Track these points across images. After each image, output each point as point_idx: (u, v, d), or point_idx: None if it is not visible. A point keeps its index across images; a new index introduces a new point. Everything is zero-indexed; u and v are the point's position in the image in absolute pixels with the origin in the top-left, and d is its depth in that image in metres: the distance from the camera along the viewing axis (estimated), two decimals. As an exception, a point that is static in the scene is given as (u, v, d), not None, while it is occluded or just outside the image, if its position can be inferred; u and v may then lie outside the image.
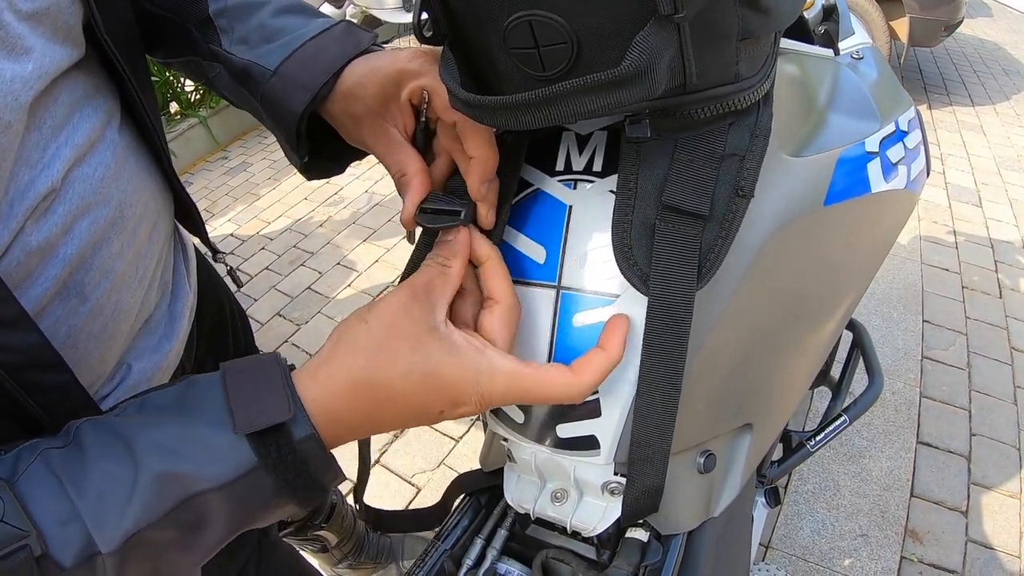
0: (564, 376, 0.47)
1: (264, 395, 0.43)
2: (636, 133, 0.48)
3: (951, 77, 5.13)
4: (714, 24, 0.41)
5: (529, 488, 0.63)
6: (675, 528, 0.62)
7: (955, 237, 3.06)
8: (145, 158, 0.66)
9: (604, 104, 0.41)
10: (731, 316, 0.54)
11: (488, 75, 0.47)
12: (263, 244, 3.38)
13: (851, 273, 0.73)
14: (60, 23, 0.51)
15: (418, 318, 0.47)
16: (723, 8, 0.41)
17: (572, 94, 0.41)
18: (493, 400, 0.47)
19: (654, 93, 0.41)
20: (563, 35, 0.40)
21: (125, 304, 0.61)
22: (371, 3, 3.45)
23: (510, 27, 0.41)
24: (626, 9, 0.39)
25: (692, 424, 0.58)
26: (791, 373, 0.70)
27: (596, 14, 0.39)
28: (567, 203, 0.54)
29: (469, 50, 0.47)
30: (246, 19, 0.65)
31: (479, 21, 0.43)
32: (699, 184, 0.48)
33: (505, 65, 0.44)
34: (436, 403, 0.46)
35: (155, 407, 0.44)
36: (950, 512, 1.86)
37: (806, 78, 0.69)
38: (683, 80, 0.43)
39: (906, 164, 0.76)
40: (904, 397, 2.19)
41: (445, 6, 0.45)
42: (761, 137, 0.48)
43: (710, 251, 0.48)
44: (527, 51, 0.42)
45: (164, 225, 0.69)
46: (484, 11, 0.42)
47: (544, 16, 0.40)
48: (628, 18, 0.39)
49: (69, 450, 0.41)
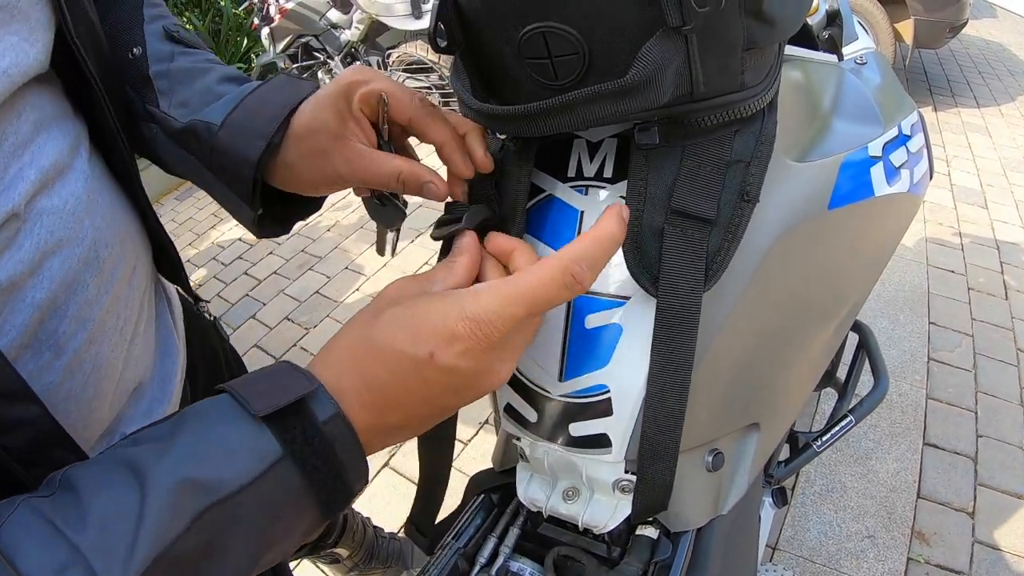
0: (556, 271, 0.43)
1: (278, 381, 0.40)
2: (645, 140, 0.49)
3: (956, 79, 5.13)
4: (720, 35, 0.43)
5: (542, 487, 0.65)
6: (684, 525, 0.63)
7: (961, 239, 3.06)
8: (119, 193, 0.61)
9: (613, 112, 0.43)
10: (737, 318, 0.56)
11: (499, 83, 0.49)
12: (271, 248, 3.41)
13: (855, 275, 0.74)
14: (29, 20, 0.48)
15: (410, 290, 0.46)
16: (729, 19, 0.42)
17: (582, 103, 0.43)
18: (488, 320, 0.42)
19: (660, 101, 0.43)
20: (575, 46, 0.42)
21: (106, 359, 0.56)
22: (380, 10, 3.48)
23: (524, 38, 0.43)
24: (635, 21, 0.41)
25: (700, 423, 0.59)
26: (796, 374, 0.71)
27: (607, 26, 0.41)
28: (579, 208, 0.56)
29: (481, 59, 0.49)
30: (188, 83, 0.63)
31: (494, 32, 0.45)
32: (706, 189, 0.49)
33: (517, 73, 0.46)
34: (425, 342, 0.41)
35: (152, 438, 0.39)
36: (956, 513, 1.87)
37: (810, 84, 0.71)
38: (690, 89, 0.44)
39: (909, 168, 0.78)
40: (910, 399, 2.20)
41: (460, 17, 0.46)
42: (766, 143, 0.50)
43: (716, 254, 0.49)
44: (540, 61, 0.44)
45: (144, 269, 0.65)
46: (499, 22, 0.44)
47: (557, 28, 0.42)
48: (637, 29, 0.41)
49: (58, 495, 0.35)
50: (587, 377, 0.55)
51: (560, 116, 0.45)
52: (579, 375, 0.55)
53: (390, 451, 2.08)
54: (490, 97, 0.51)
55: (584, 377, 0.55)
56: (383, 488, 1.99)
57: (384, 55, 3.95)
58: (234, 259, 3.40)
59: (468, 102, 0.49)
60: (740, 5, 0.42)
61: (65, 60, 0.53)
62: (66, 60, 0.53)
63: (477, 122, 0.51)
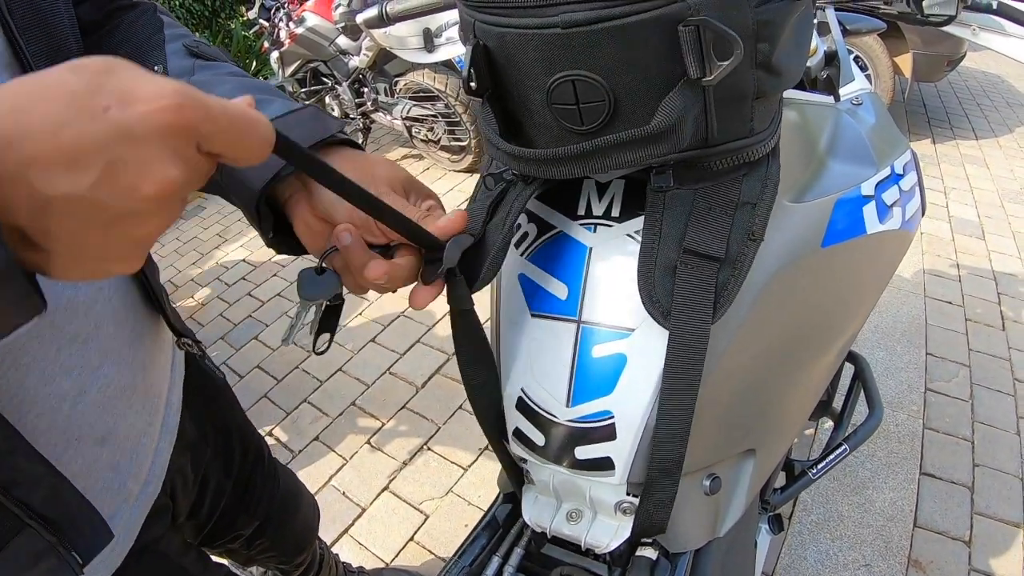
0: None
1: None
2: (661, 183, 0.53)
3: (955, 111, 5.19)
4: (734, 86, 0.47)
5: (546, 508, 0.67)
6: (683, 546, 0.66)
7: (958, 270, 3.09)
8: None
9: (636, 157, 0.47)
10: (735, 349, 0.59)
11: (526, 126, 0.52)
12: (275, 271, 3.43)
13: (849, 308, 0.77)
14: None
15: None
16: (743, 71, 0.46)
17: (607, 149, 0.47)
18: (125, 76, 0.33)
19: (680, 147, 0.47)
20: (602, 94, 0.46)
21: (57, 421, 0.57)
22: (394, 43, 3.54)
23: (554, 85, 0.46)
24: (659, 72, 0.45)
25: (700, 447, 0.62)
26: (792, 401, 0.74)
27: (633, 75, 0.45)
28: (588, 245, 0.60)
29: (508, 102, 0.52)
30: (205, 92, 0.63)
31: (523, 78, 0.48)
32: (717, 230, 0.53)
33: (544, 118, 0.50)
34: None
35: None
36: (953, 542, 1.88)
37: (806, 125, 0.74)
38: (705, 135, 0.48)
39: (901, 206, 0.81)
40: (907, 429, 2.22)
41: (490, 63, 0.50)
42: (771, 186, 0.54)
43: (724, 290, 0.53)
44: (568, 107, 0.47)
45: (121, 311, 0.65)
46: (529, 70, 0.47)
47: (587, 76, 0.45)
48: (660, 80, 0.45)
49: None
50: (593, 403, 0.58)
51: (586, 161, 0.48)
52: (585, 401, 0.58)
53: (390, 475, 2.10)
54: (514, 139, 0.54)
55: (590, 403, 0.58)
56: (382, 512, 2.00)
57: (391, 82, 4.01)
58: (238, 280, 3.42)
59: (496, 143, 0.53)
60: (752, 59, 0.46)
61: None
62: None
63: (506, 164, 0.54)
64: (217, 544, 1.08)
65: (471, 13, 0.49)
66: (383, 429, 2.30)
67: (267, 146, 0.38)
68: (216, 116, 0.35)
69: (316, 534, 1.38)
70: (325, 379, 2.58)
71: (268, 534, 1.14)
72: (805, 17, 0.51)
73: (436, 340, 2.72)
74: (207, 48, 0.69)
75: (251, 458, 1.07)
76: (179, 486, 0.85)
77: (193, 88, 0.34)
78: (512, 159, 0.52)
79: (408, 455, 2.18)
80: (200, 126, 0.34)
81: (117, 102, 0.31)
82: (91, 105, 0.31)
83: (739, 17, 0.44)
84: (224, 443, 0.99)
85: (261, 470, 1.11)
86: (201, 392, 0.89)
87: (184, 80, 0.57)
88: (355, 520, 1.99)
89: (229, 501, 1.01)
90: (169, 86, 0.33)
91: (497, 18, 0.46)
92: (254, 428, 1.11)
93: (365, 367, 2.61)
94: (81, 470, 0.60)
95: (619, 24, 0.42)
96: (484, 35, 0.48)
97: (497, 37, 0.47)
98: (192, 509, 0.93)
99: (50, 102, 0.30)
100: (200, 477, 0.92)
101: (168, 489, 0.80)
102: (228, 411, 1.03)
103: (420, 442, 2.22)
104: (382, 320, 2.89)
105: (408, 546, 1.90)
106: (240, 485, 1.04)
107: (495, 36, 0.47)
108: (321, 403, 2.45)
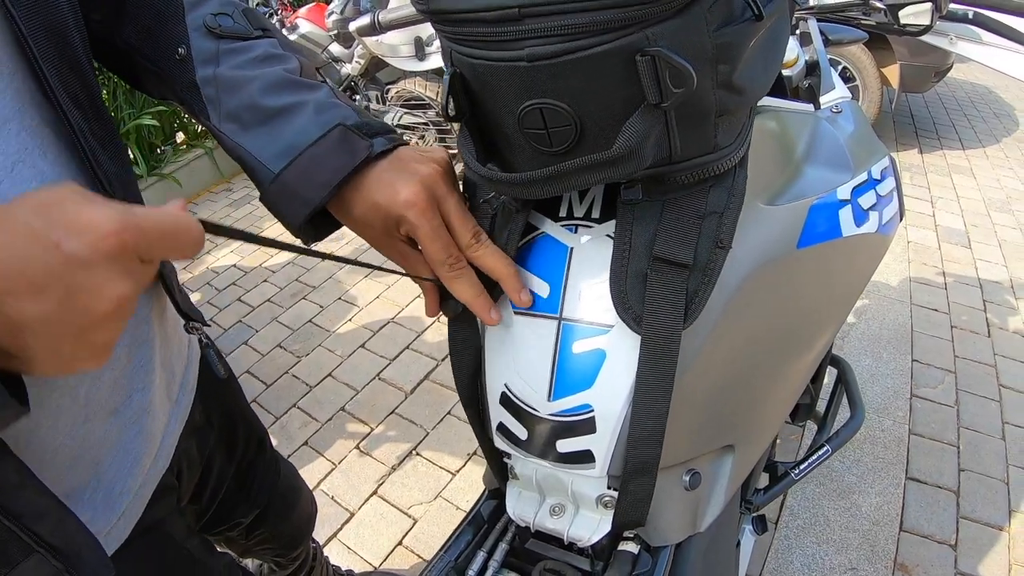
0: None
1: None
2: (630, 196, 0.56)
3: (942, 121, 5.24)
4: (696, 106, 0.49)
5: (530, 503, 0.69)
6: (663, 540, 0.68)
7: (944, 278, 3.12)
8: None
9: (601, 178, 0.50)
10: (710, 347, 0.61)
11: (502, 148, 0.55)
12: (266, 276, 3.44)
13: (825, 308, 0.79)
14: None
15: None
16: (704, 92, 0.48)
17: (575, 171, 0.49)
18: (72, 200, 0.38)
19: (642, 168, 0.49)
20: (568, 119, 0.48)
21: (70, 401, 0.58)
22: (386, 51, 3.56)
23: (524, 111, 0.49)
24: (621, 98, 0.47)
25: (678, 443, 0.64)
26: (770, 399, 0.76)
27: (596, 102, 0.47)
28: (568, 245, 0.62)
29: (485, 127, 0.55)
30: (234, 93, 0.65)
31: (497, 105, 0.51)
32: (684, 239, 0.56)
33: (518, 141, 0.52)
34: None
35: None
36: (939, 545, 1.90)
37: (784, 133, 0.77)
38: (668, 153, 0.51)
39: (878, 210, 0.83)
40: (893, 434, 2.24)
41: (467, 92, 0.52)
42: (737, 196, 0.56)
43: (694, 296, 0.55)
44: (539, 131, 0.50)
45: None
46: (503, 98, 0.50)
47: (552, 104, 0.48)
48: (622, 105, 0.47)
49: None
50: (573, 397, 0.59)
51: (555, 182, 0.51)
52: (566, 396, 0.60)
53: (378, 480, 2.11)
54: (491, 159, 0.57)
55: (571, 397, 0.60)
56: (371, 516, 2.01)
57: (383, 90, 4.03)
58: (228, 285, 3.43)
59: (474, 167, 0.55)
60: (712, 79, 0.48)
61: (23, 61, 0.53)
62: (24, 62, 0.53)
63: (483, 186, 0.57)
64: (216, 532, 1.08)
65: (448, 43, 0.51)
66: (372, 434, 2.31)
67: (199, 245, 0.43)
68: (150, 232, 0.40)
69: (313, 529, 1.39)
70: (314, 384, 2.58)
71: (267, 524, 1.15)
72: (771, 35, 0.53)
73: (425, 346, 2.73)
74: (227, 23, 0.68)
75: (253, 446, 1.08)
76: (184, 468, 0.85)
77: (128, 211, 0.39)
78: (489, 182, 0.55)
79: (397, 460, 2.19)
80: (138, 244, 0.39)
81: (66, 235, 0.36)
82: (46, 241, 0.36)
83: (697, 42, 0.46)
84: (228, 429, 0.99)
85: (263, 459, 1.11)
86: (208, 378, 0.90)
87: (210, 71, 0.65)
88: (344, 524, 2.00)
89: (230, 488, 1.02)
90: (108, 214, 0.38)
91: (471, 49, 0.48)
92: (256, 417, 1.12)
93: (355, 372, 2.62)
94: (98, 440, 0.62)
95: (581, 56, 0.44)
96: (460, 64, 0.51)
97: (471, 67, 0.49)
98: (194, 493, 0.94)
99: (13, 241, 0.36)
100: (204, 461, 0.92)
101: (175, 470, 0.81)
102: (233, 398, 1.04)
103: (409, 447, 2.23)
104: (372, 326, 2.90)
105: (396, 550, 1.91)
106: (241, 473, 1.05)
107: (469, 66, 0.49)
108: (310, 408, 2.46)
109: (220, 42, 0.67)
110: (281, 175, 0.61)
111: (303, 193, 0.60)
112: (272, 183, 0.62)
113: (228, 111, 0.65)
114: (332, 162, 0.60)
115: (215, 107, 0.66)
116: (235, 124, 0.65)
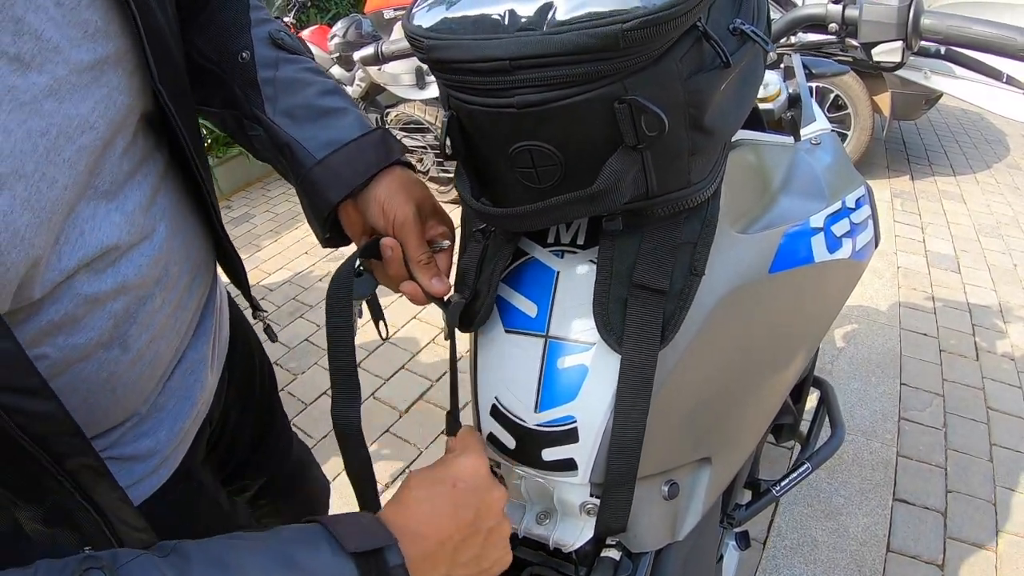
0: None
1: (366, 528, 0.51)
2: (611, 227, 0.61)
3: (933, 148, 5.30)
4: (669, 146, 0.54)
5: (517, 510, 0.73)
6: (643, 547, 0.72)
7: (934, 303, 3.16)
8: (194, 215, 0.73)
9: (583, 212, 0.56)
10: (686, 365, 0.66)
11: (495, 184, 0.61)
12: (263, 295, 3.47)
13: (799, 330, 0.84)
14: (121, 70, 0.57)
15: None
16: (676, 133, 0.54)
17: (559, 207, 0.55)
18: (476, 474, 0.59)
19: (620, 203, 0.55)
20: (554, 159, 0.54)
21: (162, 352, 0.67)
22: (388, 80, 3.64)
23: (514, 152, 0.54)
24: (601, 140, 0.52)
25: (656, 453, 0.68)
26: (746, 415, 0.80)
27: (579, 144, 0.53)
28: (555, 269, 0.67)
29: (479, 164, 0.61)
30: (292, 94, 0.75)
31: (491, 146, 0.56)
32: (661, 267, 0.61)
33: (509, 178, 0.58)
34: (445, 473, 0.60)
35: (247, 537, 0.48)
36: (926, 566, 1.92)
37: (761, 164, 0.81)
38: (646, 189, 0.56)
39: (851, 237, 0.88)
40: (881, 456, 2.27)
41: (463, 133, 0.58)
42: (710, 226, 0.62)
43: (670, 319, 0.61)
44: (527, 169, 0.55)
45: (204, 277, 0.76)
46: (495, 140, 0.55)
47: (539, 145, 0.53)
48: (603, 146, 0.53)
49: (171, 557, 0.44)
50: (558, 409, 0.64)
51: (542, 216, 0.57)
52: (551, 407, 0.64)
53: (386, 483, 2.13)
54: (485, 192, 0.62)
55: (555, 409, 0.64)
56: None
57: (383, 113, 4.09)
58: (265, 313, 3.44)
59: (469, 202, 0.61)
60: (685, 122, 0.53)
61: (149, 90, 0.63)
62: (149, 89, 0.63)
63: (478, 219, 0.64)
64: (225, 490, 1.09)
65: (446, 89, 0.56)
66: (369, 452, 2.32)
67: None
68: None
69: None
70: (310, 402, 2.61)
71: (272, 495, 1.15)
72: (741, 78, 0.58)
73: (420, 367, 2.77)
74: (288, 39, 0.79)
75: (266, 406, 1.09)
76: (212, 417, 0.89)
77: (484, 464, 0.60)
78: (483, 216, 0.61)
79: (391, 478, 2.22)
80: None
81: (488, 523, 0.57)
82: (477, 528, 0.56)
83: (670, 89, 0.51)
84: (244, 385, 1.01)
85: (274, 427, 1.13)
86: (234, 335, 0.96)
87: (271, 73, 0.75)
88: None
89: (243, 443, 1.03)
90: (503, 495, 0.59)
91: (466, 96, 0.53)
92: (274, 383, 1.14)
93: (352, 391, 2.63)
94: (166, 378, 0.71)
95: (565, 104, 0.49)
96: (457, 108, 0.56)
97: (467, 111, 0.55)
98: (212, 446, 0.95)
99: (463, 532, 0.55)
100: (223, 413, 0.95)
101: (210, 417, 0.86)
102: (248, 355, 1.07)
103: (403, 465, 2.26)
104: (367, 346, 2.92)
105: (392, 566, 1.93)
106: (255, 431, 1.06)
107: (466, 111, 0.55)
108: (305, 426, 2.48)
109: (280, 52, 0.77)
110: (326, 159, 0.71)
111: (344, 175, 0.71)
112: (317, 164, 0.71)
113: (284, 108, 0.74)
114: (371, 156, 0.72)
115: (272, 103, 0.74)
116: (288, 119, 0.74)
